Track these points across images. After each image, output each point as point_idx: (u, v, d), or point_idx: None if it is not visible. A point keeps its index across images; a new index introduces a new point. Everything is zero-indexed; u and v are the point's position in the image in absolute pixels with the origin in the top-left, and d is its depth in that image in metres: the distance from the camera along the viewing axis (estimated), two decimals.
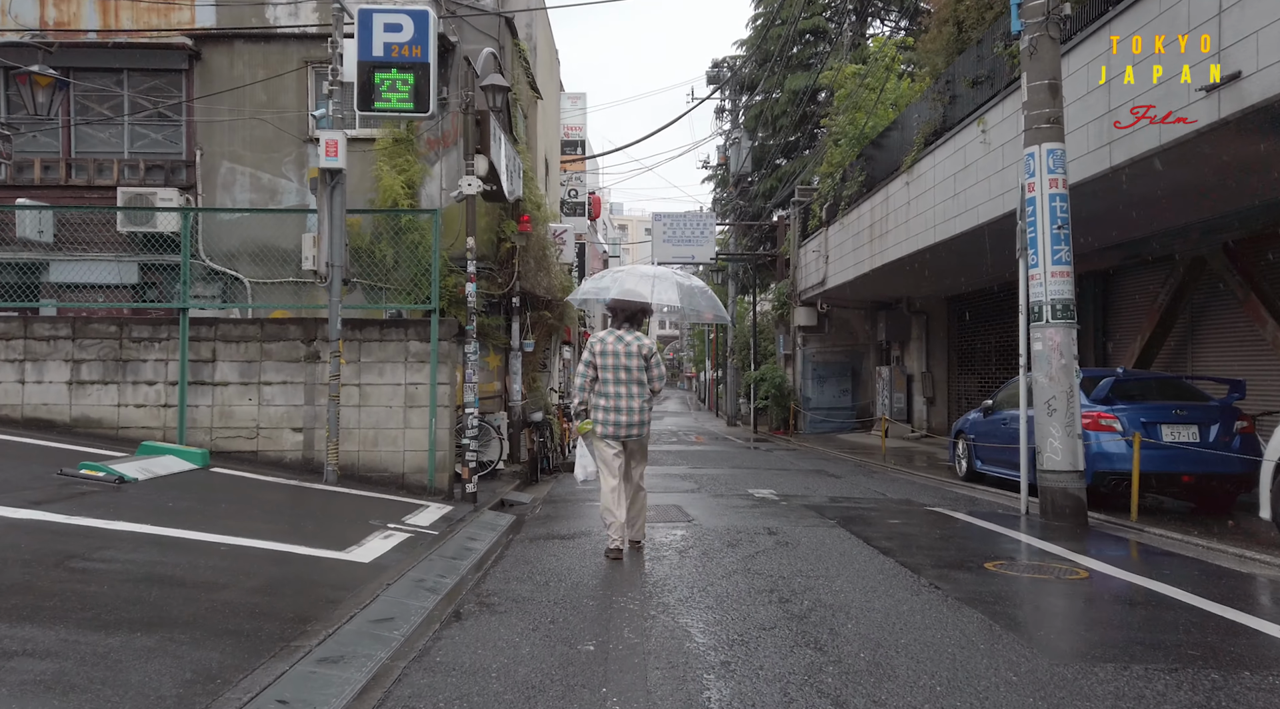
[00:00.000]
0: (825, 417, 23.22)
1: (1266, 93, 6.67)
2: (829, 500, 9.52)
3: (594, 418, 6.16)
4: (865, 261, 18.14)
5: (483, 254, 11.40)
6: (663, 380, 6.23)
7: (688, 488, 10.65)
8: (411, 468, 8.69)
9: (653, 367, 6.12)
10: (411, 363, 8.75)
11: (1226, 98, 7.08)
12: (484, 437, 10.80)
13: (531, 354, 11.91)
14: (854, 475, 12.76)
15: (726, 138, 30.41)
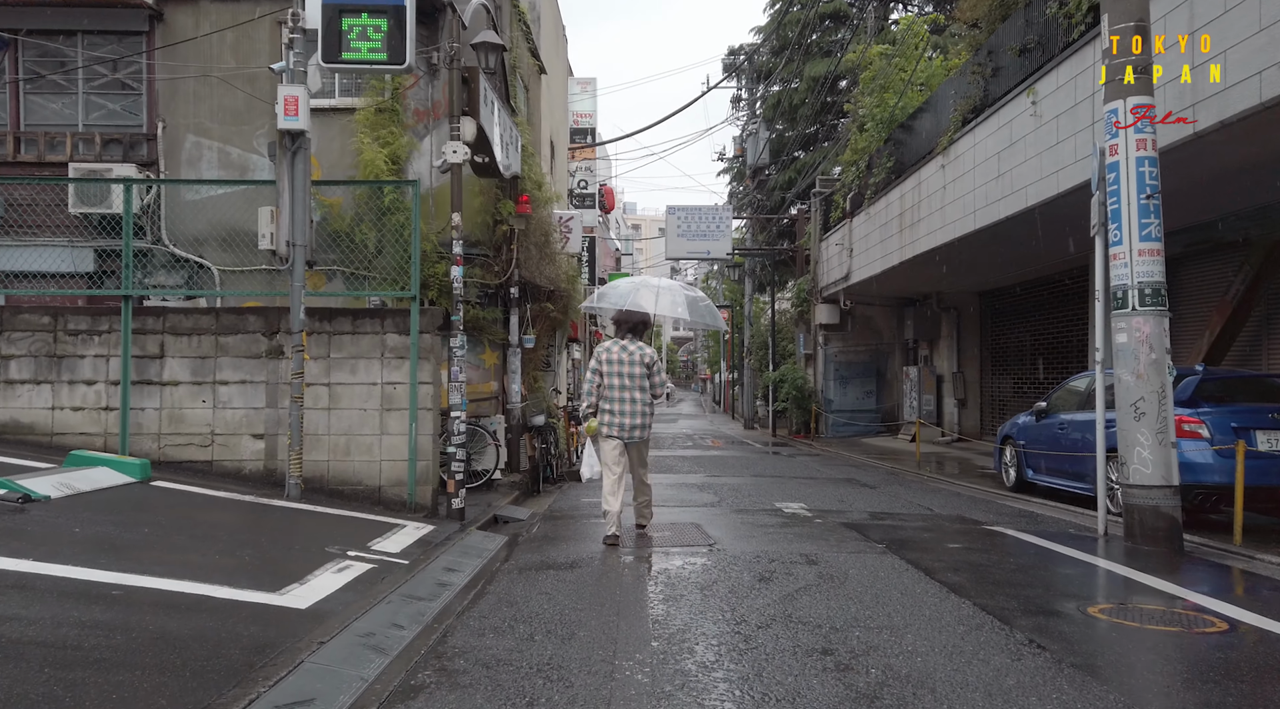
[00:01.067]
0: (848, 420, 21.98)
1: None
2: (870, 517, 8.32)
3: (599, 420, 6.85)
4: (894, 254, 16.90)
5: (476, 238, 10.27)
6: (664, 386, 6.95)
7: (706, 501, 9.47)
8: (389, 480, 7.56)
9: (654, 374, 6.80)
10: (389, 359, 7.62)
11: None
12: (477, 443, 9.66)
13: (532, 351, 10.77)
14: (889, 485, 11.54)
15: (743, 129, 29.20)
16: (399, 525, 6.84)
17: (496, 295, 10.38)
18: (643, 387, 6.76)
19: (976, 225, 13.06)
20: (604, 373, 6.75)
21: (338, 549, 5.70)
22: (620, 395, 6.72)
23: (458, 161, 7.78)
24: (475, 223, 10.23)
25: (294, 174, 7.19)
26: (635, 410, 6.74)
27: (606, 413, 6.77)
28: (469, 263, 10.16)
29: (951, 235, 14.04)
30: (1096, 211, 6.86)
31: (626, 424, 6.75)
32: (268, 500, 6.97)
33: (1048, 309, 17.77)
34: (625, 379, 6.71)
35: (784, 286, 29.13)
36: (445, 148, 7.65)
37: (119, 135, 9.96)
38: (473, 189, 10.22)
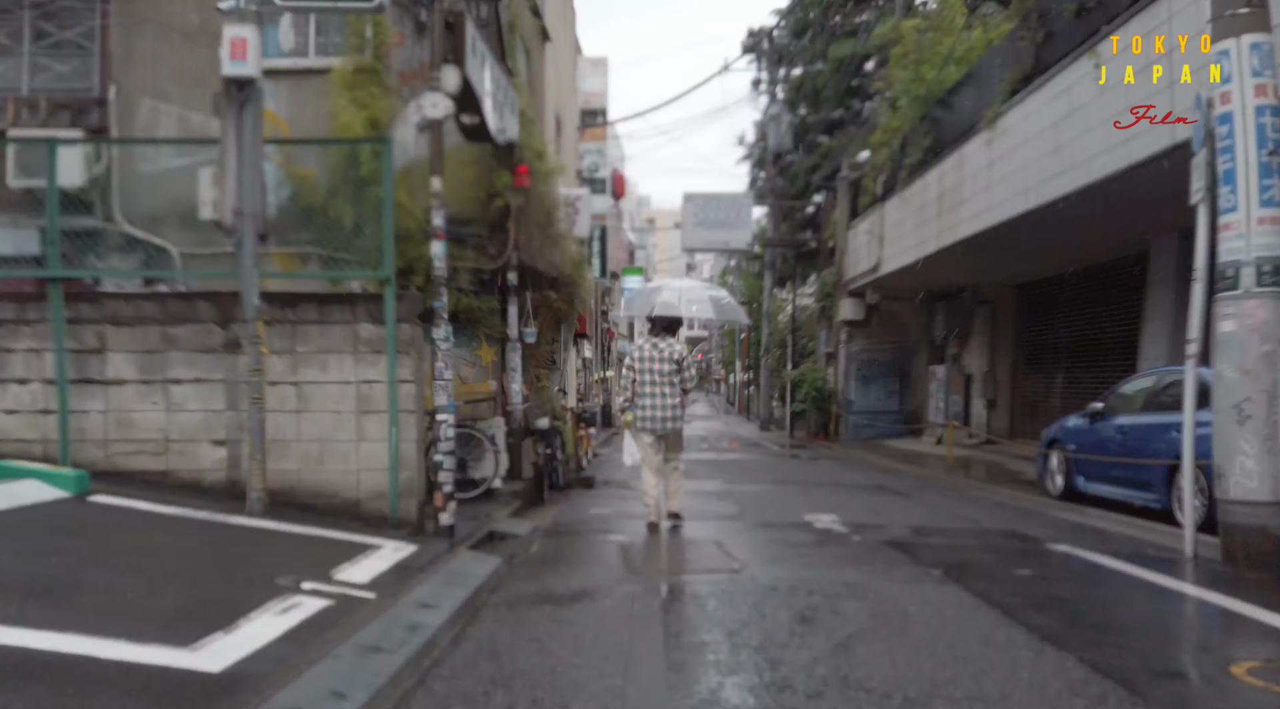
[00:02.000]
0: (869, 421, 20.94)
1: None
2: (913, 533, 7.35)
3: (635, 414, 7.37)
4: (930, 240, 15.85)
5: (469, 216, 9.35)
6: (693, 381, 7.57)
7: (727, 512, 8.52)
8: (368, 492, 6.65)
9: (684, 369, 7.32)
10: (363, 353, 6.71)
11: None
12: (474, 449, 8.75)
13: (535, 346, 9.85)
14: (922, 493, 10.56)
15: (764, 113, 28.17)
16: (375, 546, 5.94)
17: (493, 282, 9.47)
18: (673, 382, 7.26)
19: (1028, 205, 12.01)
20: (637, 369, 7.30)
21: (291, 580, 4.79)
22: (652, 391, 7.24)
23: (438, 116, 6.85)
24: (466, 198, 9.31)
25: (242, 130, 6.26)
26: (666, 404, 7.24)
27: (640, 408, 7.29)
28: (460, 244, 9.23)
29: (998, 218, 13.00)
30: (1200, 174, 5.86)
31: (659, 417, 7.26)
32: (225, 517, 6.07)
33: (1089, 303, 16.71)
34: (657, 375, 7.22)
35: (805, 281, 28.11)
36: (424, 100, 6.72)
37: (68, 100, 9.08)
38: (463, 158, 9.28)
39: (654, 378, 7.24)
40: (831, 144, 25.84)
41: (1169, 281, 12.53)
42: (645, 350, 7.36)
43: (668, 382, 7.24)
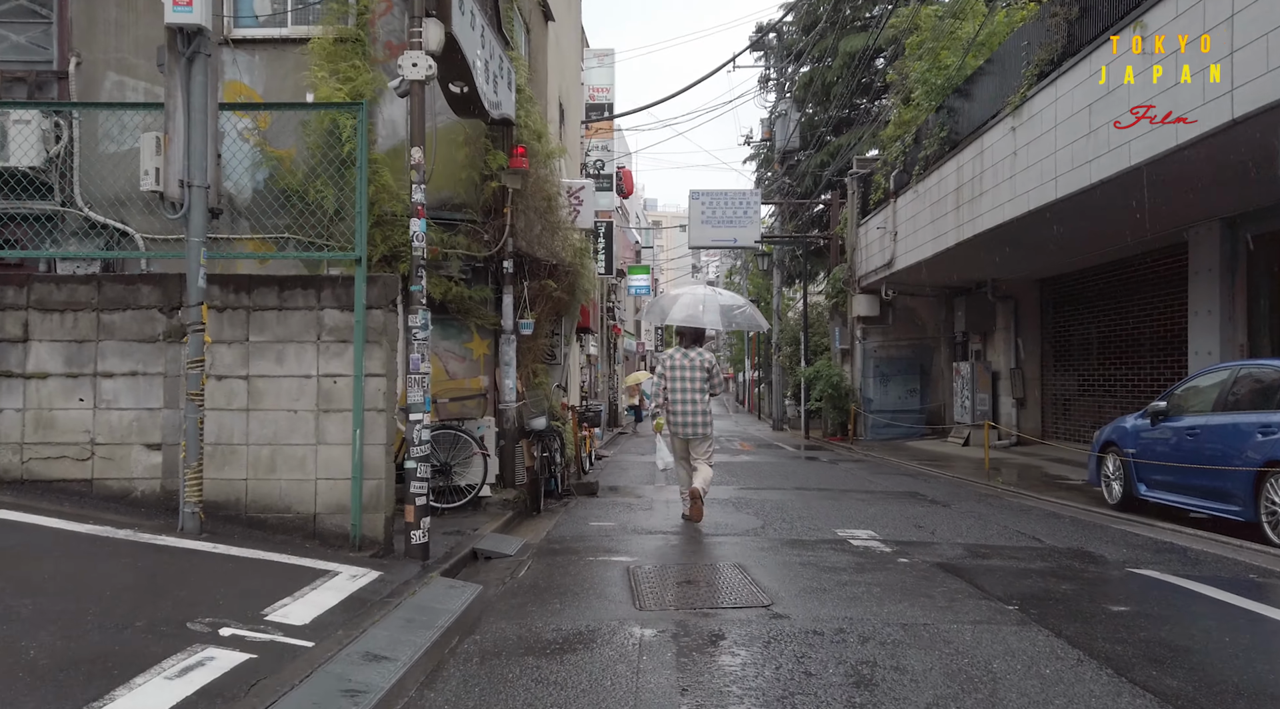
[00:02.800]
0: (890, 421, 19.76)
1: None
2: (967, 552, 6.21)
3: (666, 419, 7.61)
4: (949, 234, 14.70)
5: (461, 200, 8.26)
6: (722, 387, 8.19)
7: (747, 526, 7.38)
8: (328, 506, 5.54)
9: (713, 376, 7.62)
10: (327, 343, 5.61)
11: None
12: (459, 452, 7.64)
13: (532, 339, 8.73)
14: (963, 501, 9.40)
15: (771, 110, 27.02)
16: (329, 572, 4.84)
17: (486, 270, 8.36)
18: (702, 389, 7.54)
19: (1058, 194, 10.87)
20: (668, 377, 7.60)
21: (208, 624, 3.71)
22: (682, 398, 7.52)
23: (418, 77, 5.76)
24: (458, 180, 8.22)
25: (190, 89, 5.20)
26: (695, 411, 7.51)
27: (671, 413, 7.56)
28: (451, 229, 8.15)
29: (1022, 208, 11.86)
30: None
31: (687, 422, 7.51)
32: (152, 537, 4.98)
33: (1119, 297, 15.57)
34: (686, 383, 7.52)
35: (814, 278, 26.96)
36: (402, 60, 5.63)
37: (24, 73, 8.03)
38: (455, 138, 8.21)
39: (684, 385, 7.55)
40: (840, 142, 24.70)
41: (1215, 272, 11.39)
42: (676, 359, 7.65)
43: (697, 388, 7.54)
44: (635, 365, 39.39)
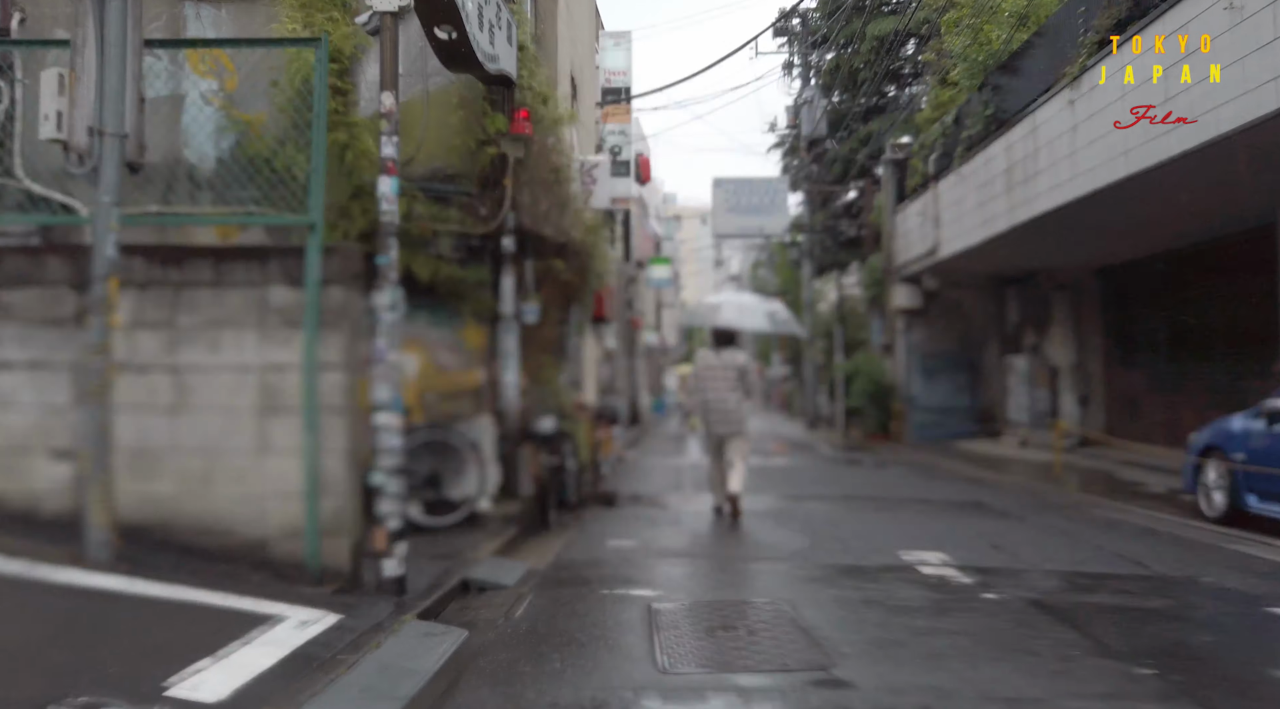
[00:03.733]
0: (936, 420, 18.48)
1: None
2: (1065, 584, 5.08)
3: (701, 418, 8.07)
4: (999, 218, 13.48)
5: (454, 170, 7.23)
6: (754, 387, 8.40)
7: (793, 547, 6.27)
8: (280, 529, 4.53)
9: (745, 375, 7.89)
10: (274, 327, 4.59)
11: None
12: (451, 459, 6.62)
13: (537, 328, 7.69)
14: (1039, 513, 8.23)
15: (797, 97, 25.77)
16: (272, 618, 3.84)
17: (483, 249, 7.32)
18: (735, 388, 7.68)
19: (1129, 169, 9.63)
20: (703, 377, 7.83)
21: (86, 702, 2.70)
22: (717, 397, 7.69)
23: (389, 8, 4.78)
24: (452, 147, 7.20)
25: (105, 18, 4.23)
26: (729, 408, 7.68)
27: (706, 412, 7.76)
28: (442, 202, 7.12)
29: (1085, 188, 10.64)
30: None
31: (722, 420, 7.68)
32: (49, 572, 4.00)
33: (1191, 287, 14.25)
34: (720, 382, 7.68)
35: (845, 270, 25.72)
36: None
37: None
38: (449, 101, 7.19)
39: (717, 384, 7.74)
40: (871, 128, 23.40)
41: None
42: (710, 360, 7.90)
43: (730, 388, 7.70)
44: (657, 361, 38.30)
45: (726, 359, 7.83)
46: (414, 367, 7.20)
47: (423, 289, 7.06)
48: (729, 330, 8.34)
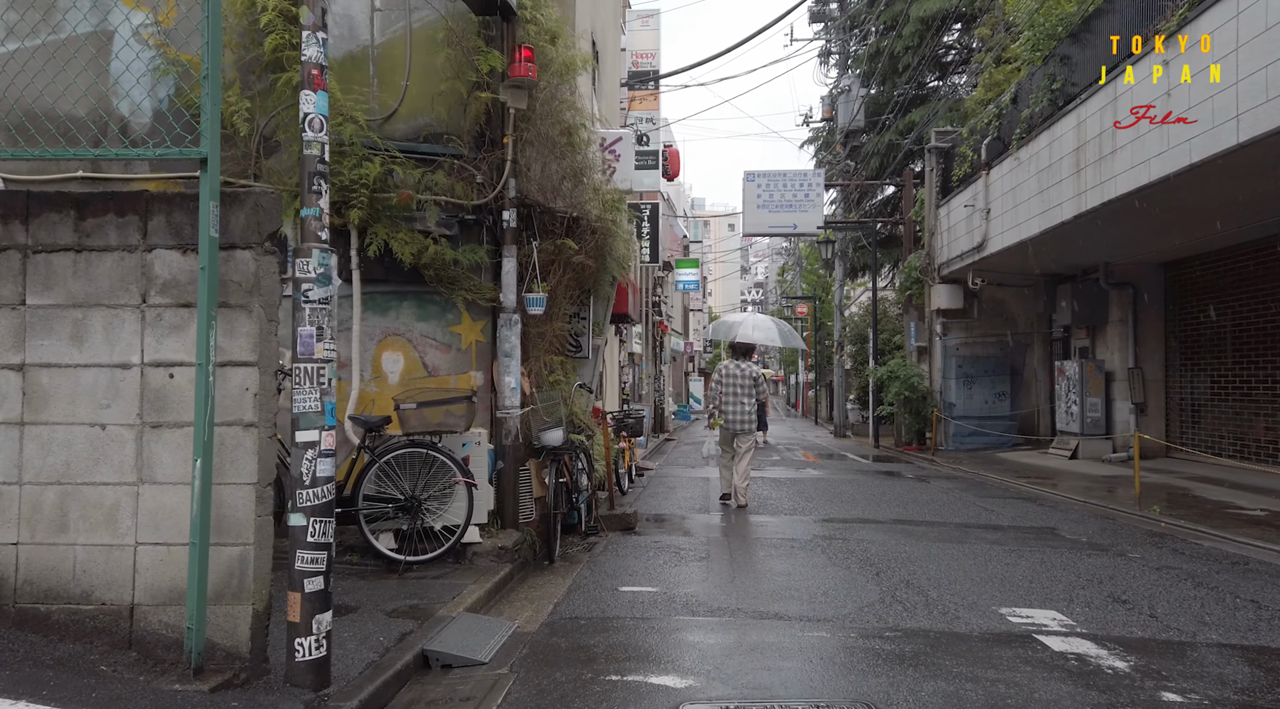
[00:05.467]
0: (975, 428, 16.87)
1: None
2: (1261, 672, 3.55)
3: (718, 417, 8.81)
4: (1064, 205, 11.89)
5: (440, 127, 5.83)
6: (765, 394, 9.02)
7: (860, 599, 4.78)
8: (155, 591, 3.13)
9: (758, 384, 8.79)
10: (160, 308, 3.20)
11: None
12: (435, 480, 5.21)
13: (544, 321, 6.26)
14: (1139, 546, 6.67)
15: (833, 87, 24.23)
16: None
17: (479, 225, 5.90)
18: (749, 393, 8.68)
19: (1239, 138, 8.08)
20: (723, 383, 8.77)
21: None
22: (733, 400, 8.67)
23: None
24: (437, 97, 5.79)
25: None
26: (740, 411, 8.63)
27: (724, 413, 8.70)
28: (427, 165, 5.73)
29: (1181, 162, 9.07)
30: None
31: (734, 419, 8.62)
32: None
33: (1262, 282, 12.64)
34: (736, 389, 8.68)
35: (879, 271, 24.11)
36: None
37: None
38: (433, 37, 5.78)
39: (734, 391, 8.63)
40: (913, 117, 21.82)
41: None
42: (730, 369, 8.79)
43: (745, 394, 8.62)
44: (683, 367, 36.80)
45: (743, 369, 8.76)
46: (397, 368, 5.80)
47: (405, 273, 5.68)
48: (746, 344, 9.68)
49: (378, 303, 5.77)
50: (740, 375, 8.68)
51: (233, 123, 5.24)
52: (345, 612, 4.14)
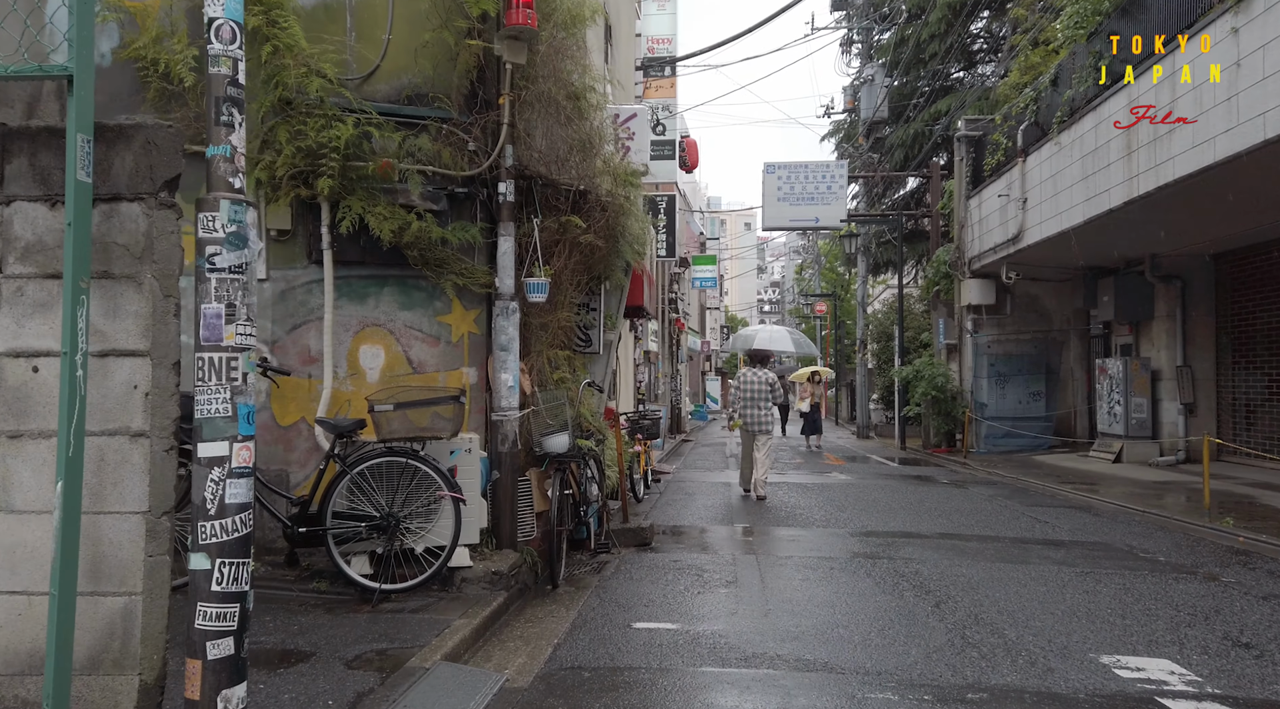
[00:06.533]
0: (1009, 429, 15.88)
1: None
2: None
3: (737, 419, 9.42)
4: (1114, 190, 10.93)
5: (425, 86, 5.01)
6: (780, 398, 9.43)
7: (924, 643, 3.92)
8: (8, 658, 2.32)
9: (774, 388, 9.26)
10: (16, 280, 2.39)
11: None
12: (417, 494, 4.40)
13: (547, 311, 5.42)
14: (1229, 568, 5.76)
15: (855, 77, 23.28)
16: None
17: (472, 200, 5.08)
18: (766, 397, 9.19)
19: None
20: (741, 388, 9.32)
21: None
22: (751, 404, 9.23)
23: None
24: (421, 49, 4.98)
25: None
26: (760, 413, 9.19)
27: (742, 415, 9.27)
28: (410, 128, 4.91)
29: (1254, 138, 8.14)
30: None
31: (753, 421, 9.19)
32: None
33: None
34: (752, 393, 9.22)
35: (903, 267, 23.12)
36: None
37: None
38: None
39: (752, 395, 9.25)
40: (939, 107, 20.82)
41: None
42: (747, 376, 9.37)
43: (761, 398, 9.20)
44: (700, 366, 35.91)
45: (760, 375, 9.29)
46: (377, 363, 5.00)
47: (386, 254, 4.87)
48: (763, 352, 10.54)
49: (354, 288, 4.96)
50: (757, 381, 9.22)
51: (179, 76, 4.45)
52: (296, 660, 3.33)
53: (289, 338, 4.88)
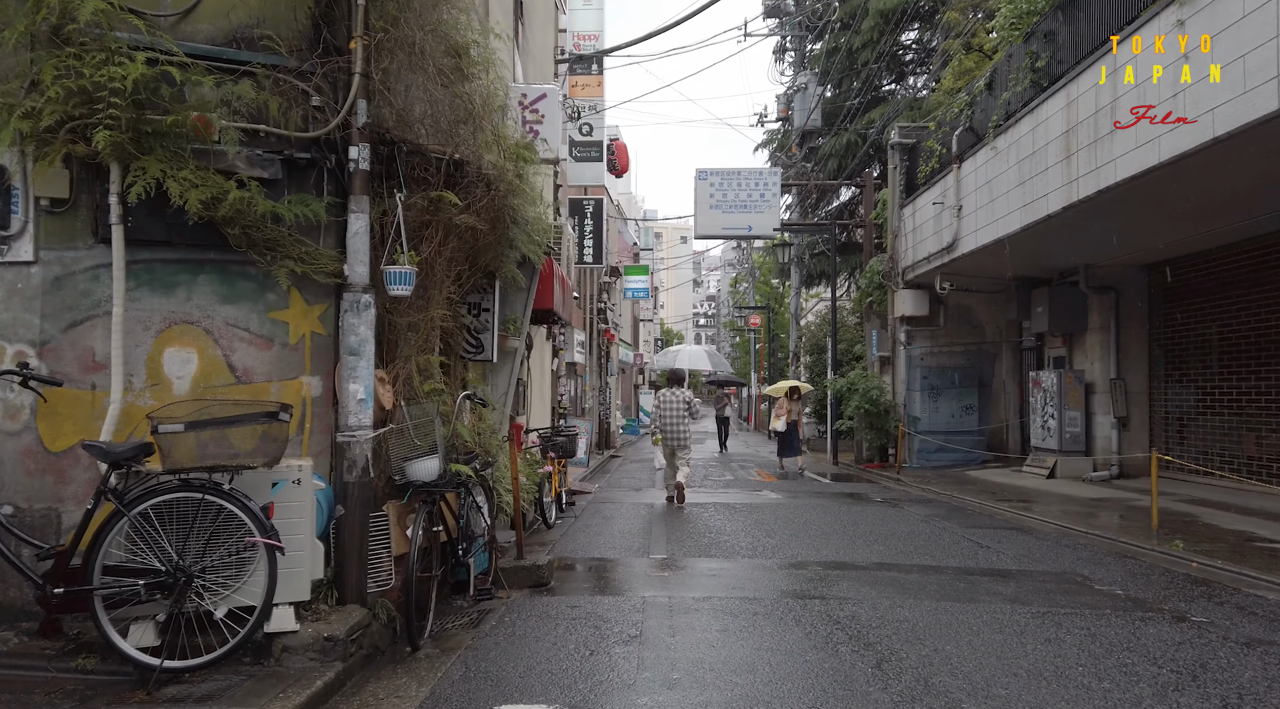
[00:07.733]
0: (942, 443, 15.41)
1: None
2: None
3: (659, 436, 10.43)
4: (1052, 195, 10.48)
5: (257, 27, 4.01)
6: (697, 415, 10.61)
7: None
8: None
9: (690, 406, 10.29)
10: None
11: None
12: (220, 540, 3.36)
13: (419, 306, 4.43)
14: (1196, 602, 5.11)
15: (789, 85, 22.84)
16: None
17: (316, 167, 4.09)
18: (684, 414, 10.18)
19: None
20: (661, 407, 10.32)
21: None
22: (672, 421, 10.14)
23: None
24: None
25: None
26: (680, 430, 10.10)
27: (664, 432, 10.20)
28: (233, 73, 3.90)
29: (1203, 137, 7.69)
30: None
31: (674, 437, 10.10)
32: None
33: (1252, 286, 11.49)
34: (674, 411, 10.16)
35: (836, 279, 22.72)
36: None
37: None
38: None
39: (673, 412, 10.16)
40: (872, 116, 20.50)
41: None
42: (667, 397, 10.32)
43: (682, 414, 10.15)
44: (633, 379, 35.05)
45: (679, 394, 10.23)
46: (189, 370, 3.94)
47: (201, 232, 3.83)
48: (679, 372, 11.22)
49: (158, 275, 3.90)
50: (676, 401, 10.16)
51: (12, 51, 3.37)
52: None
53: (66, 338, 3.79)
